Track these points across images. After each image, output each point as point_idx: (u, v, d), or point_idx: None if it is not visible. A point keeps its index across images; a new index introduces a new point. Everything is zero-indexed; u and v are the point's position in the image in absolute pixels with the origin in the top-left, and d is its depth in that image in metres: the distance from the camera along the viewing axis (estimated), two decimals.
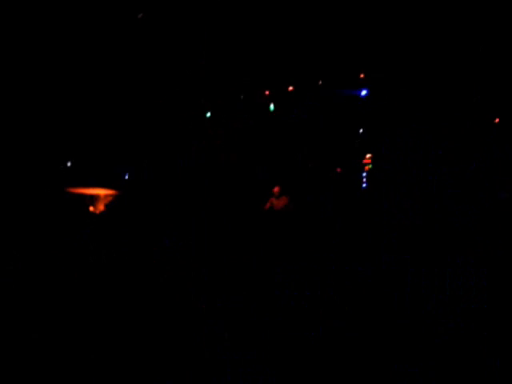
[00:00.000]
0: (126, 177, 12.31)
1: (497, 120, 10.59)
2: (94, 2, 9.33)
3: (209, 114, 11.97)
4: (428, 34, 9.05)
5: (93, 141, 11.50)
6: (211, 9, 9.46)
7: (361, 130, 11.68)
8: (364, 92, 11.06)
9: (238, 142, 11.86)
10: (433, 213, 9.55)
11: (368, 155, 11.63)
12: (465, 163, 9.98)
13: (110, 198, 11.68)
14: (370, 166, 11.67)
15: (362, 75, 11.09)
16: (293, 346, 3.90)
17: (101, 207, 11.54)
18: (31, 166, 10.63)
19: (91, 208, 11.43)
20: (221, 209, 9.92)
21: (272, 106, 11.50)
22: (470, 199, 9.59)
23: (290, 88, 11.66)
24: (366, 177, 11.62)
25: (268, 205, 9.38)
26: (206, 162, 11.97)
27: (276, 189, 9.35)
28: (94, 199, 11.42)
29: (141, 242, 7.77)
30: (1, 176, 10.02)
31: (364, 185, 11.69)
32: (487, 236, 8.05)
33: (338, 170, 12.05)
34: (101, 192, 11.66)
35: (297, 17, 9.35)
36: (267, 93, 11.84)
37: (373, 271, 6.32)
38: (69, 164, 11.70)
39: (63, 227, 8.49)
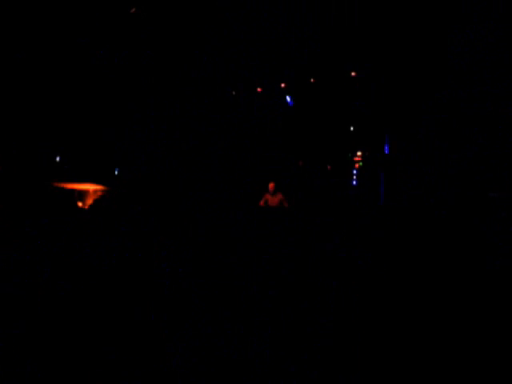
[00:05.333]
0: (116, 172, 12.19)
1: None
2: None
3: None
4: (424, 32, 9.13)
5: (83, 136, 11.35)
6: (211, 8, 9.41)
7: (352, 128, 11.80)
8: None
9: (233, 139, 11.85)
10: (424, 210, 9.68)
11: (358, 153, 11.76)
12: (456, 162, 10.14)
13: (99, 194, 11.53)
14: (361, 164, 11.81)
15: (353, 73, 11.18)
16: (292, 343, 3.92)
17: (90, 202, 11.39)
18: (20, 161, 10.44)
19: (79, 203, 11.28)
20: (215, 204, 9.89)
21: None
22: (460, 197, 9.75)
23: (283, 85, 11.71)
24: (357, 174, 11.75)
25: (263, 201, 9.33)
26: (197, 157, 11.93)
27: (271, 185, 9.30)
28: (83, 194, 11.28)
29: (132, 238, 7.69)
30: None
31: (354, 182, 11.82)
32: (476, 234, 8.20)
33: (329, 167, 12.17)
34: (90, 187, 11.51)
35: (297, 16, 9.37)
36: (259, 90, 11.86)
37: (366, 266, 6.38)
38: (58, 159, 11.51)
39: (52, 222, 8.35)
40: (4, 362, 3.42)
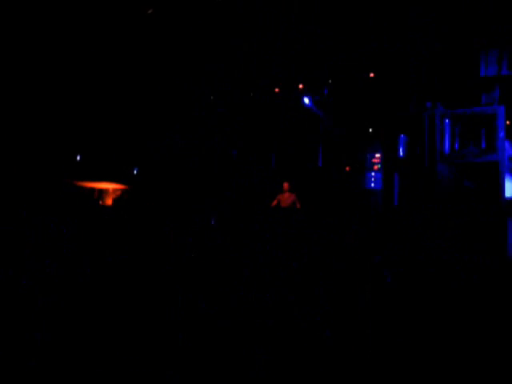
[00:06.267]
0: (135, 171, 12.40)
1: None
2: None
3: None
4: (423, 34, 9.00)
5: (103, 135, 11.59)
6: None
7: (370, 130, 11.66)
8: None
9: (246, 139, 11.90)
10: (441, 213, 9.48)
11: (377, 155, 11.60)
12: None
13: (118, 193, 11.78)
14: (379, 166, 11.64)
15: (372, 74, 11.06)
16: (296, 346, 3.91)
17: (109, 201, 11.65)
18: (41, 160, 10.73)
19: (100, 201, 11.54)
20: (228, 205, 9.94)
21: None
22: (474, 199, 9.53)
23: (301, 86, 11.67)
24: (375, 176, 11.58)
25: (275, 202, 9.23)
26: (213, 158, 12.03)
27: (285, 184, 9.18)
28: (103, 193, 11.54)
29: (148, 235, 7.80)
30: (11, 170, 10.14)
31: (372, 184, 11.66)
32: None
33: (347, 168, 12.05)
34: (110, 186, 11.76)
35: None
36: (277, 90, 11.86)
37: (381, 269, 6.31)
38: (79, 158, 11.79)
39: (72, 220, 8.54)
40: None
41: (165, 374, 3.46)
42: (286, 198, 9.14)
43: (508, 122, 9.32)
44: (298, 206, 9.13)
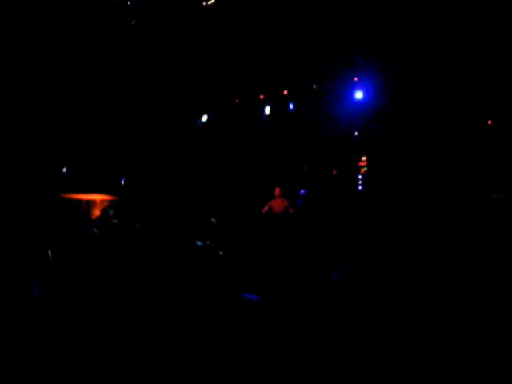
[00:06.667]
0: (123, 182, 12.29)
1: (490, 122, 10.75)
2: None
3: (205, 118, 11.98)
4: (423, 33, 9.11)
5: (89, 147, 11.46)
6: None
7: (356, 133, 11.77)
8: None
9: (237, 145, 11.89)
10: (428, 212, 9.63)
11: (363, 157, 11.72)
12: (460, 164, 10.10)
13: (106, 204, 11.66)
14: (366, 168, 11.77)
15: (356, 78, 11.19)
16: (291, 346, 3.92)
17: (97, 212, 11.51)
18: (27, 172, 10.56)
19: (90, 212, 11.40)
20: (219, 211, 9.90)
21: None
22: (463, 200, 9.70)
23: (285, 92, 11.74)
24: (362, 179, 11.71)
25: (266, 207, 9.15)
26: (202, 164, 11.98)
27: (277, 190, 9.13)
28: (90, 204, 11.41)
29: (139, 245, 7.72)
30: None
31: (360, 187, 11.77)
32: (479, 236, 8.15)
33: (334, 172, 12.14)
34: (97, 197, 11.64)
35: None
36: (262, 97, 11.90)
37: (371, 272, 6.36)
38: (65, 170, 11.64)
39: (59, 232, 8.41)
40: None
41: (165, 374, 3.45)
42: (279, 203, 9.08)
43: None
44: (291, 211, 9.09)
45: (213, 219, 8.34)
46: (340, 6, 9.05)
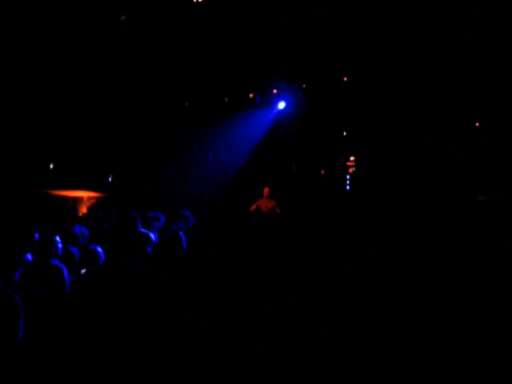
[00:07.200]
0: (110, 179, 12.22)
1: (477, 124, 10.85)
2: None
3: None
4: (423, 33, 9.13)
5: (76, 143, 11.37)
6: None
7: (344, 133, 11.83)
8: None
9: (226, 145, 11.88)
10: (414, 214, 9.69)
11: (351, 158, 11.79)
12: (460, 164, 10.15)
13: (93, 201, 11.56)
14: (354, 169, 11.83)
15: (345, 78, 11.23)
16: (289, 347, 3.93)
17: (84, 209, 11.41)
18: (14, 168, 10.46)
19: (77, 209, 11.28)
20: (207, 211, 9.89)
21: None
22: (449, 201, 9.77)
23: (275, 91, 11.74)
24: (350, 179, 11.77)
25: (254, 206, 9.23)
26: (189, 164, 11.97)
27: (266, 190, 9.22)
28: (77, 201, 11.30)
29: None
30: None
31: (348, 187, 11.83)
32: (479, 236, 8.22)
33: (322, 171, 12.19)
34: (84, 194, 11.54)
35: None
36: (251, 95, 11.90)
37: (371, 272, 6.38)
38: (52, 166, 11.54)
39: (45, 229, 8.33)
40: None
41: (165, 374, 3.45)
42: (266, 203, 9.18)
43: None
44: (278, 211, 9.17)
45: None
46: (340, 6, 9.06)
